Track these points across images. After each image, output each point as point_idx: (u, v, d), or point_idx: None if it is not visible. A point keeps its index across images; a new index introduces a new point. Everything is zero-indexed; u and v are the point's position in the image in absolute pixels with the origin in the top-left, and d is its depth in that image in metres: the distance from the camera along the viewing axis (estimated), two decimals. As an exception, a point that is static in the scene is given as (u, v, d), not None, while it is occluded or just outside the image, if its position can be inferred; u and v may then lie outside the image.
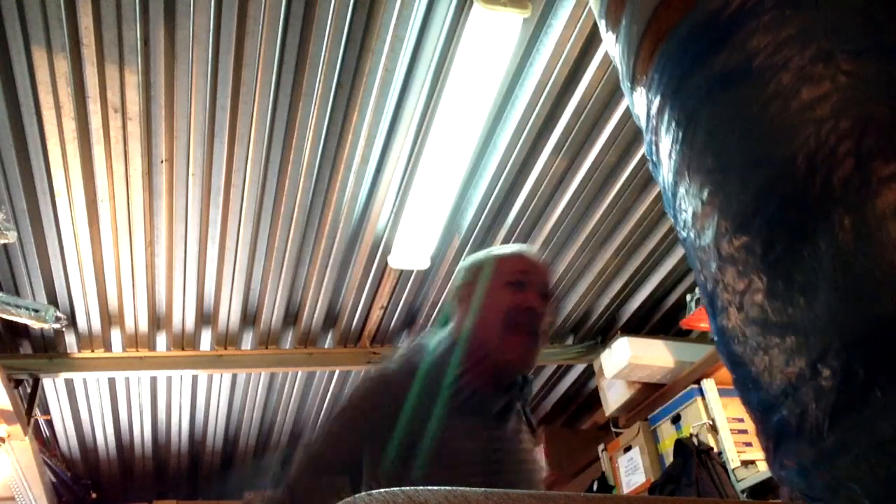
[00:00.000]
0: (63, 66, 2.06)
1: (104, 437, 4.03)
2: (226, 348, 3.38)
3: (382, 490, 0.68)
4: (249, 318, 3.28)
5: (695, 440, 2.89)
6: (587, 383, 4.09)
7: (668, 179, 0.73)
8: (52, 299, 2.93)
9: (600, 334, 3.72)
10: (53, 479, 4.00)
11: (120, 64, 2.09)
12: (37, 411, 3.35)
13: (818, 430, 0.52)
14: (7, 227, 2.31)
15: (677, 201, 0.71)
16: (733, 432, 2.89)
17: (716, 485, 2.68)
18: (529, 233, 2.98)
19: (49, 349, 3.24)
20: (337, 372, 3.70)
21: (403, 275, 3.12)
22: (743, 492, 2.72)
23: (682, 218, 0.70)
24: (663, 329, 3.60)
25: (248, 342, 3.39)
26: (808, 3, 0.59)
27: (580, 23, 2.11)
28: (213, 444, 4.25)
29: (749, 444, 2.88)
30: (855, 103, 0.54)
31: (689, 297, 3.11)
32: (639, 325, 3.62)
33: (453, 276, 1.46)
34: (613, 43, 0.83)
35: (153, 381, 3.61)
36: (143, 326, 3.19)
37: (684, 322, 3.14)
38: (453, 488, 0.69)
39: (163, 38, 2.04)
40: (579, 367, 3.93)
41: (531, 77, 2.28)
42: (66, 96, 2.14)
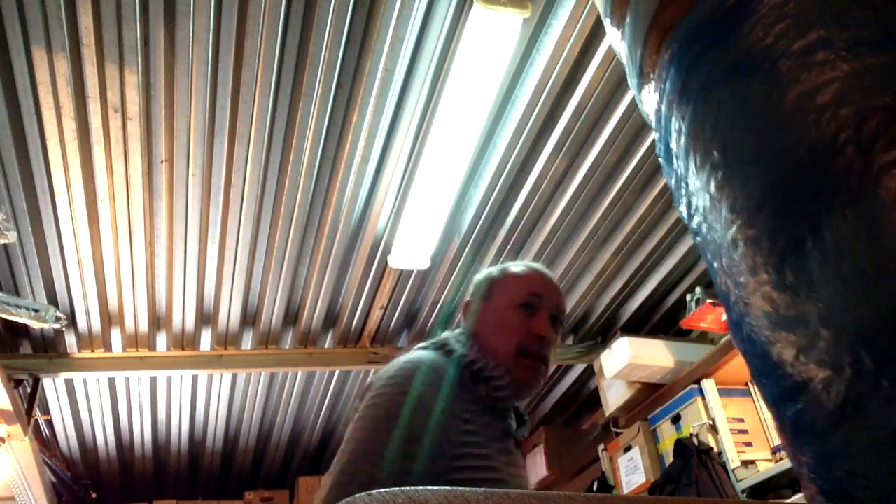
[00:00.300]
0: (63, 66, 2.06)
1: (104, 437, 4.03)
2: (226, 348, 3.39)
3: (382, 490, 0.67)
4: (249, 318, 3.28)
5: (695, 440, 2.89)
6: (587, 383, 4.09)
7: (678, 174, 0.72)
8: (52, 299, 2.93)
9: (600, 334, 3.72)
10: (53, 479, 4.00)
11: (120, 64, 2.09)
12: (37, 411, 3.35)
13: (831, 422, 0.52)
14: (7, 227, 2.31)
15: (687, 196, 0.70)
16: (733, 432, 2.89)
17: (716, 485, 2.68)
18: (529, 233, 2.98)
19: (49, 349, 3.24)
20: (337, 372, 3.71)
21: (403, 275, 3.12)
22: (743, 492, 2.73)
23: (692, 213, 0.70)
24: (663, 329, 3.60)
25: (248, 342, 3.39)
26: None
27: (580, 23, 2.11)
28: (213, 444, 4.25)
29: (749, 444, 2.88)
30: (855, 91, 0.53)
31: (689, 297, 3.11)
32: (639, 325, 3.62)
33: (471, 288, 1.41)
34: (619, 39, 0.83)
35: (153, 381, 3.61)
36: (143, 326, 3.19)
37: (684, 322, 3.14)
38: (453, 488, 0.68)
39: (163, 38, 2.04)
40: (579, 367, 3.93)
41: (531, 77, 2.28)
42: (66, 96, 2.14)
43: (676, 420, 3.12)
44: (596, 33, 2.16)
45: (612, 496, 2.32)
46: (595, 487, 3.54)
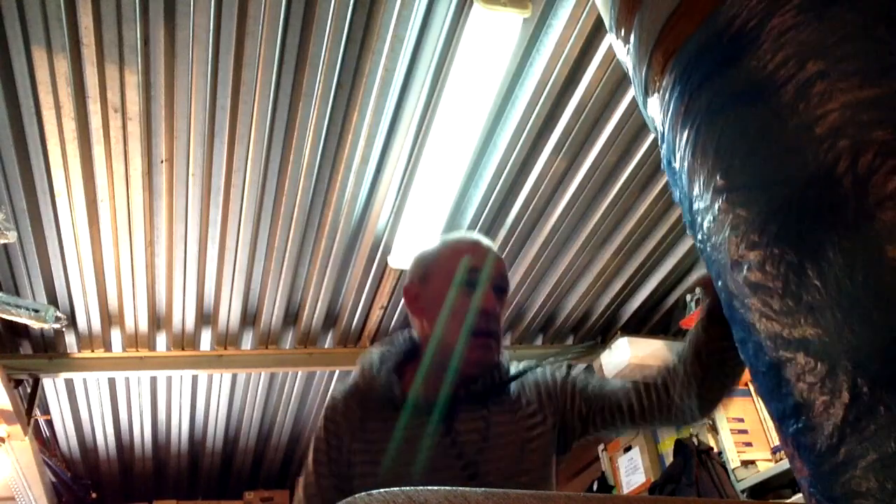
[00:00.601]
0: (63, 66, 2.05)
1: (104, 437, 4.03)
2: (226, 348, 3.38)
3: (382, 490, 0.68)
4: (249, 318, 3.28)
5: (695, 440, 2.89)
6: (587, 383, 4.08)
7: (683, 191, 0.74)
8: (52, 299, 2.93)
9: (600, 334, 3.72)
10: (53, 479, 4.00)
11: (120, 64, 2.09)
12: (37, 411, 3.35)
13: (829, 443, 0.54)
14: (7, 227, 2.31)
15: (692, 213, 0.73)
16: (733, 432, 2.89)
17: (716, 485, 2.68)
18: (529, 233, 2.98)
19: (49, 349, 3.24)
20: (337, 372, 3.70)
21: (403, 275, 3.12)
22: (743, 492, 2.73)
23: (697, 229, 0.72)
24: (663, 329, 3.60)
25: (248, 342, 3.39)
26: (808, 22, 0.60)
27: (580, 23, 2.11)
28: (213, 444, 4.25)
29: (749, 444, 2.88)
30: (852, 124, 0.55)
31: (689, 297, 3.11)
32: (639, 325, 3.62)
33: (408, 270, 1.34)
34: (625, 54, 0.84)
35: (153, 381, 3.61)
36: (143, 326, 3.19)
37: (684, 322, 3.14)
38: (453, 488, 0.69)
39: (163, 38, 2.04)
40: (579, 368, 3.93)
41: (531, 77, 2.28)
42: (66, 96, 2.14)
43: (676, 420, 3.11)
44: (596, 33, 2.16)
45: (612, 496, 2.32)
46: (595, 487, 3.54)
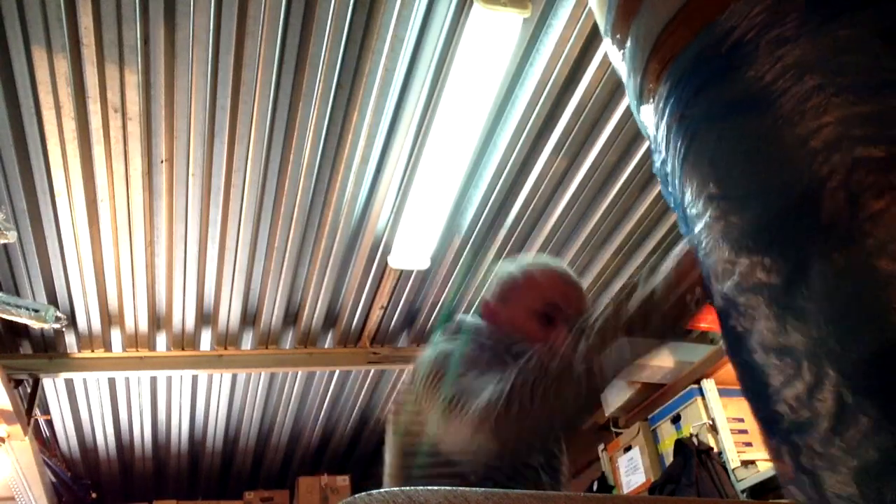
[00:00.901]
0: (63, 66, 2.06)
1: (104, 437, 4.03)
2: (226, 348, 3.39)
3: (382, 490, 0.68)
4: (249, 318, 3.28)
5: (695, 440, 2.89)
6: (587, 383, 4.08)
7: (676, 199, 0.76)
8: (52, 299, 2.93)
9: (600, 334, 3.71)
10: (53, 479, 4.00)
11: (120, 64, 2.09)
12: (37, 411, 3.35)
13: (815, 451, 0.55)
14: (7, 227, 2.31)
15: (686, 220, 0.74)
16: (733, 432, 2.89)
17: (716, 485, 2.68)
18: (529, 233, 2.98)
19: (49, 349, 3.24)
20: (337, 372, 3.70)
21: (403, 275, 3.12)
22: (743, 492, 2.73)
23: (691, 235, 0.73)
24: (663, 329, 3.60)
25: (248, 342, 3.39)
26: (806, 36, 0.60)
27: (580, 23, 2.11)
28: (213, 444, 4.25)
29: (749, 444, 2.88)
30: (846, 139, 0.55)
31: (688, 297, 3.10)
32: (639, 325, 3.62)
33: (490, 286, 1.32)
34: (619, 60, 0.84)
35: (153, 381, 3.61)
36: (143, 326, 3.19)
37: (684, 322, 3.13)
38: (453, 488, 0.69)
39: (163, 38, 2.04)
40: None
41: (531, 77, 2.28)
42: (66, 96, 2.14)
43: (676, 420, 3.12)
44: (596, 33, 2.16)
45: (612, 496, 2.32)
46: (595, 487, 3.54)
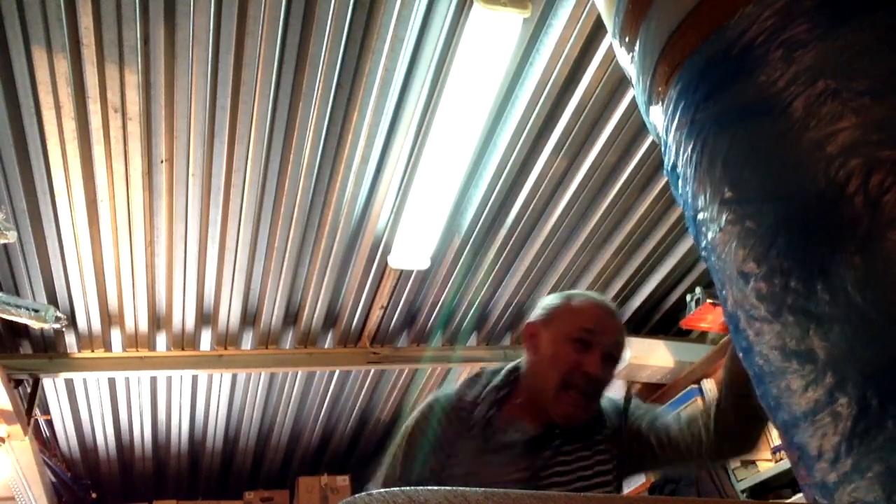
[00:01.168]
0: (63, 66, 2.05)
1: (104, 437, 4.03)
2: (226, 348, 3.38)
3: (382, 490, 0.68)
4: (249, 318, 3.28)
5: (695, 440, 2.88)
6: (587, 383, 4.08)
7: (688, 201, 0.74)
8: (52, 299, 2.92)
9: (600, 334, 3.71)
10: (53, 479, 3.99)
11: (120, 64, 2.09)
12: (37, 411, 3.35)
13: (835, 453, 0.54)
14: (7, 227, 2.31)
15: (697, 223, 0.73)
16: (733, 432, 2.89)
17: (716, 485, 2.68)
18: (529, 233, 2.98)
19: (49, 349, 3.24)
20: (337, 372, 3.70)
21: (403, 275, 3.12)
22: (743, 492, 2.73)
23: (702, 239, 0.72)
24: (664, 329, 3.60)
25: (248, 342, 3.39)
26: (817, 40, 0.59)
27: (580, 23, 2.11)
28: (213, 444, 4.25)
29: (749, 444, 2.88)
30: (863, 143, 0.55)
31: (689, 297, 3.11)
32: (639, 325, 3.62)
33: (534, 310, 1.44)
34: (629, 62, 0.83)
35: (153, 381, 3.61)
36: (143, 326, 3.19)
37: (684, 322, 3.14)
38: (453, 488, 0.68)
39: (163, 38, 2.04)
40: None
41: (531, 77, 2.28)
42: (66, 96, 2.14)
43: (676, 420, 3.11)
44: (596, 33, 2.16)
45: (613, 496, 2.32)
46: (595, 487, 3.53)
